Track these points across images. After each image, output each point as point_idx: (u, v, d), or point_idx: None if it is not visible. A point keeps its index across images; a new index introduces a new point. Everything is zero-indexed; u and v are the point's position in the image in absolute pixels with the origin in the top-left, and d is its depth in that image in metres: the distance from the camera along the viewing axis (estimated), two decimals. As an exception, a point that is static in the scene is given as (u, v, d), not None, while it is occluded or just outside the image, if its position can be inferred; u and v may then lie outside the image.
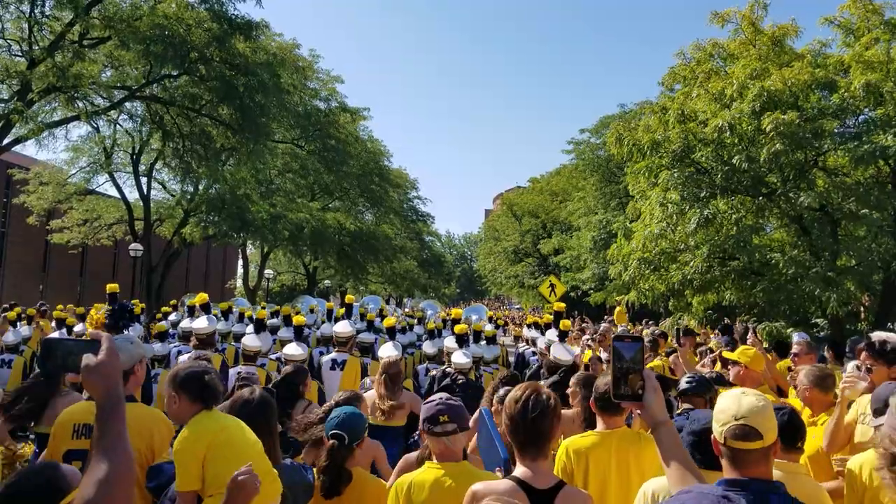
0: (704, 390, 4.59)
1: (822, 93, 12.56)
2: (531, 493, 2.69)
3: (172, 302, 17.61)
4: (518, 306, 50.04)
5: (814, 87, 12.31)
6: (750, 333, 9.17)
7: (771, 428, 2.24)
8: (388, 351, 8.32)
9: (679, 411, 4.42)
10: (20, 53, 20.81)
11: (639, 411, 2.27)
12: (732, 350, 6.56)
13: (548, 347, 9.06)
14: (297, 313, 12.75)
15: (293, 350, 7.78)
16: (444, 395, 3.33)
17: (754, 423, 2.21)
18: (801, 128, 11.32)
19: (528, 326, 14.16)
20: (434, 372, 8.70)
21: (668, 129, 13.11)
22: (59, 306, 14.85)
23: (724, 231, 12.61)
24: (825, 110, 11.88)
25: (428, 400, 3.31)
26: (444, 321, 13.49)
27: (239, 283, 47.98)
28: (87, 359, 1.80)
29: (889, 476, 1.85)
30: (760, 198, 12.80)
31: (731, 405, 2.27)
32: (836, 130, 12.38)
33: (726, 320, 14.71)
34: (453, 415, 3.16)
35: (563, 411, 4.55)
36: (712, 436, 2.34)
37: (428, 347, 9.96)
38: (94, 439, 1.75)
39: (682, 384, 4.72)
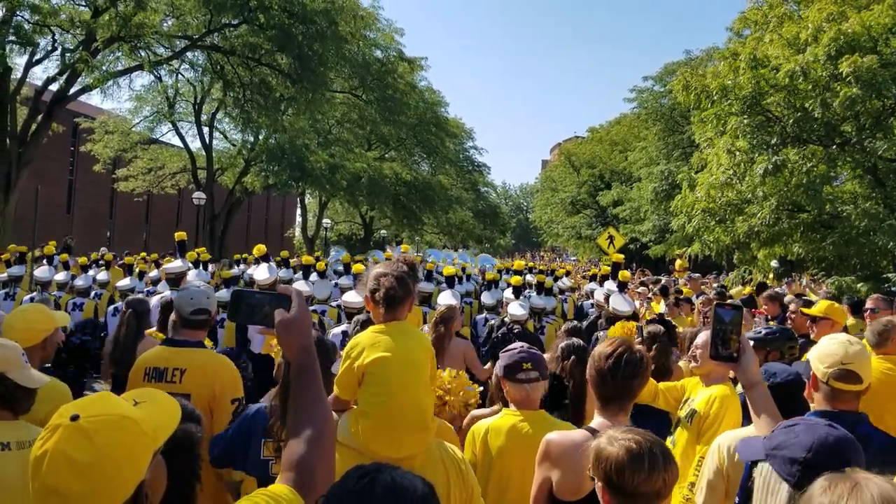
0: (782, 343, 4.43)
1: (903, 37, 11.87)
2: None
3: (235, 256, 17.98)
4: (574, 258, 49.57)
5: (895, 31, 11.64)
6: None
7: (868, 375, 2.61)
8: (446, 299, 8.32)
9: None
10: (84, 3, 21.12)
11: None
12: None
13: (606, 299, 8.97)
14: (358, 262, 12.85)
15: (351, 297, 7.83)
16: (524, 344, 3.31)
17: (857, 369, 2.57)
18: (880, 73, 10.75)
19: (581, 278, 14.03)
20: (493, 322, 8.71)
21: (739, 74, 12.61)
22: (136, 257, 15.17)
23: (794, 181, 12.16)
24: (906, 55, 11.25)
25: (508, 349, 3.30)
26: (500, 272, 13.45)
27: (297, 231, 48.65)
28: (281, 314, 1.79)
29: None
30: (833, 147, 12.28)
31: (838, 350, 2.60)
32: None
33: (793, 274, 14.33)
34: (535, 363, 3.17)
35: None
36: (811, 372, 2.67)
37: (486, 298, 9.95)
38: (292, 395, 1.77)
39: (759, 333, 4.59)
